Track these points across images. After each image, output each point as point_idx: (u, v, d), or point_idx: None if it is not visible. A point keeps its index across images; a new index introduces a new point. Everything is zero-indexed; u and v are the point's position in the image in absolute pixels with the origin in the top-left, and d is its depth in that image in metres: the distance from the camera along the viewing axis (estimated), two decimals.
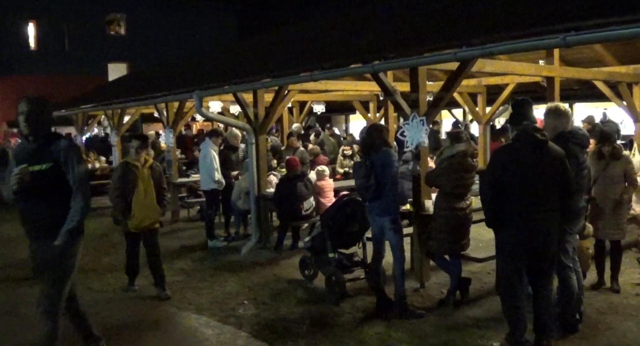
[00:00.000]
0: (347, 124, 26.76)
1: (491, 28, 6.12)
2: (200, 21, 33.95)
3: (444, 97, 7.08)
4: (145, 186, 7.27)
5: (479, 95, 12.98)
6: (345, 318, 6.39)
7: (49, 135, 4.93)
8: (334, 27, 12.54)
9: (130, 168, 7.25)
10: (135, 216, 7.26)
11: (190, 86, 10.77)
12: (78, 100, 19.52)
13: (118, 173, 7.35)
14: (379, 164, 6.32)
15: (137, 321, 6.67)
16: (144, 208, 7.27)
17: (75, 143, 5.92)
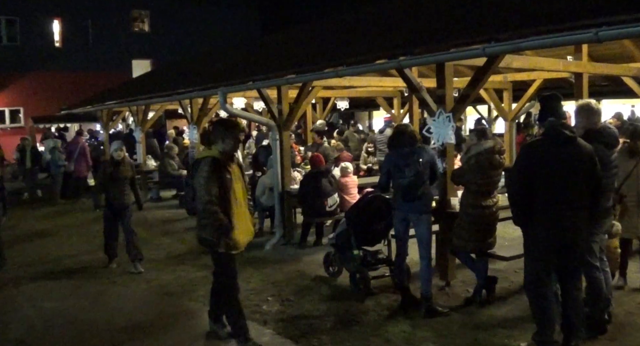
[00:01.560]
0: (370, 120, 26.66)
1: (520, 23, 6.02)
2: (223, 17, 34.00)
3: (470, 93, 7.00)
4: (240, 188, 5.58)
5: (505, 91, 12.85)
6: (370, 316, 6.34)
7: None
8: (359, 22, 12.47)
9: (223, 165, 5.41)
10: (238, 232, 5.47)
11: (215, 82, 10.80)
12: (103, 96, 19.66)
13: (205, 172, 5.31)
14: (427, 160, 6.34)
15: (162, 315, 6.70)
16: (244, 218, 5.60)
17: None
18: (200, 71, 16.01)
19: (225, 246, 5.40)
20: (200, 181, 5.29)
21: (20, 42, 29.97)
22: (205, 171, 5.29)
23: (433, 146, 7.26)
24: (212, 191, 5.27)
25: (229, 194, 5.37)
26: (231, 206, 5.39)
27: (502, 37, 5.72)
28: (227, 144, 5.47)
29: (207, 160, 5.37)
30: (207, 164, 5.33)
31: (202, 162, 5.38)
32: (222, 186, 5.32)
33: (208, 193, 5.25)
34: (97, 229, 11.79)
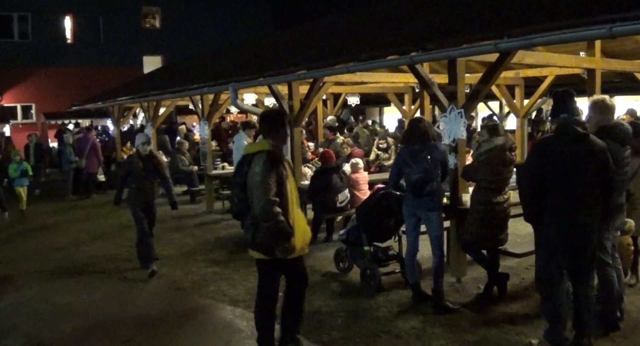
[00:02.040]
0: (381, 116, 26.60)
1: (533, 18, 5.99)
2: (234, 13, 34.00)
3: (482, 89, 6.96)
4: (293, 186, 5.03)
5: (517, 87, 12.75)
6: (381, 312, 6.34)
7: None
8: (370, 17, 12.44)
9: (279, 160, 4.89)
10: (297, 235, 4.92)
11: (226, 78, 10.81)
12: (114, 92, 19.72)
13: (262, 169, 4.72)
14: (438, 157, 6.34)
15: (172, 311, 6.72)
16: (300, 220, 5.06)
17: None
18: (211, 66, 16.04)
19: (283, 251, 4.82)
20: (256, 178, 4.69)
21: (32, 38, 30.12)
22: (261, 167, 4.71)
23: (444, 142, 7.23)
24: (271, 189, 4.69)
25: (286, 193, 4.85)
26: (289, 206, 4.87)
27: (515, 32, 5.69)
28: (279, 138, 5.00)
29: (262, 155, 4.79)
30: (263, 159, 4.75)
31: (255, 157, 4.80)
32: (281, 184, 4.80)
33: (266, 191, 4.66)
34: (108, 225, 11.91)
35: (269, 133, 4.98)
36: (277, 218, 4.66)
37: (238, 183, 4.89)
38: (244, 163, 4.91)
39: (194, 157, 15.05)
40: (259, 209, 4.68)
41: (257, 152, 4.84)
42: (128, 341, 5.83)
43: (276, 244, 4.76)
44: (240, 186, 4.89)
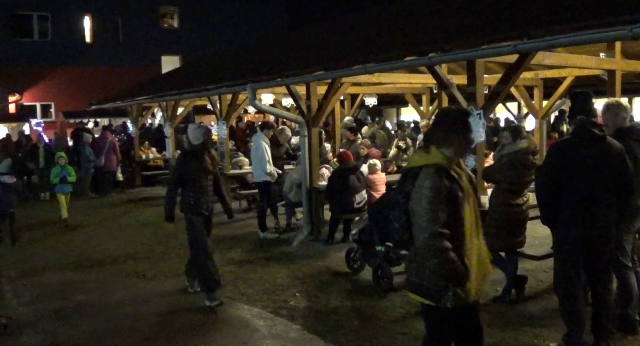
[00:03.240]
0: (398, 117, 26.55)
1: (553, 19, 5.95)
2: (251, 14, 34.06)
3: (501, 90, 6.92)
4: (471, 210, 3.74)
5: (535, 88, 12.68)
6: (397, 313, 6.33)
7: None
8: (388, 18, 12.42)
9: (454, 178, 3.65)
10: (473, 276, 3.65)
11: (244, 78, 10.84)
12: (133, 92, 19.84)
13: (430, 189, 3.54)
14: None
15: (190, 309, 6.75)
16: (479, 255, 3.76)
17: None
18: (229, 66, 16.08)
19: (453, 298, 3.59)
20: (422, 202, 3.53)
21: (52, 37, 30.37)
22: (429, 187, 3.54)
23: None
24: (439, 217, 3.52)
25: (462, 221, 3.63)
26: (464, 239, 3.64)
27: (535, 33, 5.66)
28: (459, 147, 3.70)
29: (429, 170, 3.60)
30: (431, 177, 3.56)
31: (422, 173, 3.62)
32: (455, 209, 3.60)
33: (434, 220, 3.50)
34: (126, 223, 11.98)
35: (445, 140, 3.68)
36: (444, 256, 3.49)
37: (399, 204, 3.71)
38: (406, 179, 3.74)
39: None
40: (422, 243, 3.55)
41: (423, 166, 3.64)
42: (146, 340, 5.87)
43: (444, 288, 3.59)
44: (401, 207, 3.71)
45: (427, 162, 3.63)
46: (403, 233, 3.70)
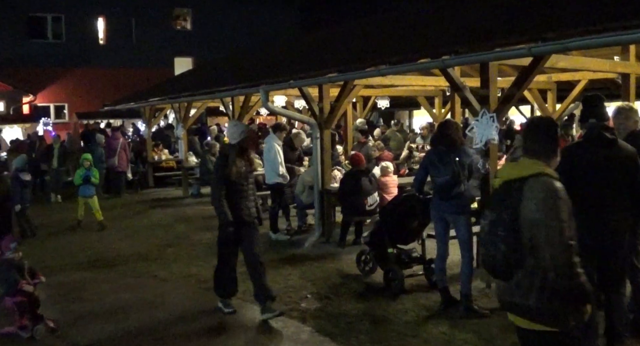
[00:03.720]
0: (410, 119, 26.52)
1: (567, 22, 5.93)
2: (264, 16, 34.11)
3: (515, 93, 6.90)
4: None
5: (549, 91, 12.63)
6: (409, 316, 6.31)
7: None
8: (401, 20, 12.42)
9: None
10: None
11: (257, 80, 10.86)
12: (146, 93, 19.92)
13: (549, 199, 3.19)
14: (466, 161, 6.31)
15: (201, 310, 6.76)
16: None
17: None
18: (241, 68, 16.12)
19: (577, 318, 3.24)
20: (556, 213, 3.14)
21: (66, 39, 30.56)
22: (560, 197, 3.21)
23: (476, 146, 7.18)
24: (571, 229, 3.20)
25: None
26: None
27: (549, 36, 5.63)
28: (554, 156, 3.51)
29: (545, 180, 3.26)
30: (547, 187, 3.23)
31: (528, 184, 3.25)
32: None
33: (567, 233, 3.14)
34: (139, 223, 12.02)
35: (545, 150, 3.44)
36: (580, 272, 3.14)
37: (503, 221, 3.25)
38: (507, 192, 3.31)
39: None
40: (559, 261, 3.10)
41: (533, 177, 3.27)
42: (158, 340, 5.88)
43: (575, 309, 3.22)
44: (507, 225, 3.23)
45: (533, 172, 3.28)
46: (511, 255, 3.22)
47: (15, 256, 6.05)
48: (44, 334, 5.99)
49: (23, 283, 5.91)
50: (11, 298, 5.91)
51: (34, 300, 6.04)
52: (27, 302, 5.93)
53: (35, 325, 5.95)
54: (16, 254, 6.07)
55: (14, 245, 6.10)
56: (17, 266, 6.03)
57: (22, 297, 5.90)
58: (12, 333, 5.91)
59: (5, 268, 5.96)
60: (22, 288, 5.88)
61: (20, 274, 5.99)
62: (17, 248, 6.17)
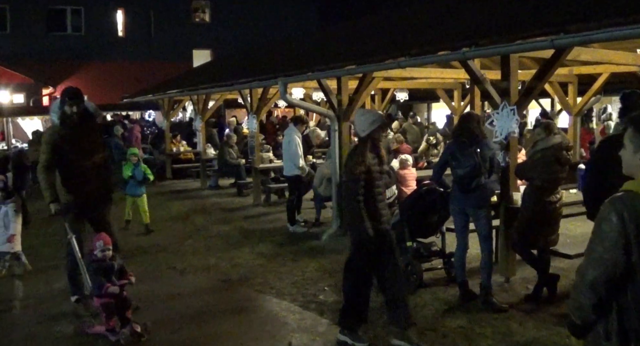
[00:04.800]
0: (429, 112, 26.37)
1: (590, 14, 5.84)
2: (282, 8, 34.11)
3: (536, 86, 6.83)
4: None
5: (570, 84, 12.50)
6: (427, 310, 6.29)
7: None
8: (420, 12, 12.33)
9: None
10: None
11: (275, 72, 10.84)
12: (164, 85, 19.99)
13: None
14: (487, 154, 6.28)
15: (219, 302, 6.78)
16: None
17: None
18: (260, 61, 16.11)
19: None
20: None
21: (85, 31, 30.74)
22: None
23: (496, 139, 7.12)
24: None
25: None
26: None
27: (572, 28, 5.55)
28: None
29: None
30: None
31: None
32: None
33: None
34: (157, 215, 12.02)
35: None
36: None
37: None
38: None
39: (242, 151, 15.17)
40: None
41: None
42: (176, 332, 5.90)
43: None
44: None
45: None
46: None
47: (105, 256, 5.77)
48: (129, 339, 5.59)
49: (108, 285, 5.62)
50: (99, 299, 5.67)
51: (122, 301, 5.74)
52: (114, 304, 5.67)
53: (122, 328, 5.67)
54: (106, 253, 5.77)
55: (100, 244, 5.77)
56: (105, 267, 5.74)
57: (109, 299, 5.65)
58: (101, 333, 5.70)
59: (92, 270, 5.76)
60: (108, 290, 5.61)
61: (108, 274, 5.72)
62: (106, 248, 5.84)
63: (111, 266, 5.77)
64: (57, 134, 6.21)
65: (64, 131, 6.20)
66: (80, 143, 6.24)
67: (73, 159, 6.22)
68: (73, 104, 6.14)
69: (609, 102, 19.90)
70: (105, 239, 5.83)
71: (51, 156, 6.19)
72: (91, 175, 6.36)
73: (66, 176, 6.30)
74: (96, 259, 5.75)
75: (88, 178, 6.33)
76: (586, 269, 2.69)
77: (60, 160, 6.22)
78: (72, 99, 6.16)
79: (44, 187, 6.23)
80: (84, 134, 6.27)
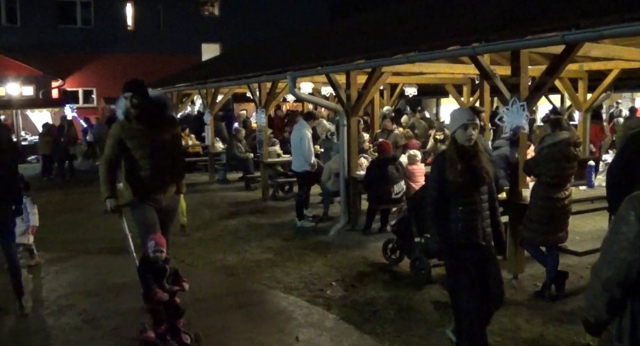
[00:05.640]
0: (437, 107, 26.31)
1: (602, 9, 5.80)
2: (292, 2, 34.02)
3: (547, 82, 6.79)
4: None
5: (580, 80, 12.43)
6: (435, 306, 6.27)
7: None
8: (430, 7, 12.28)
9: None
10: None
11: (284, 66, 10.82)
12: (173, 79, 20.00)
13: None
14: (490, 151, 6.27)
15: (226, 295, 6.79)
16: None
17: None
18: (269, 55, 16.09)
19: None
20: None
21: (94, 24, 30.74)
22: None
23: (505, 135, 7.09)
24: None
25: None
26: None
27: (583, 24, 5.52)
28: None
29: None
30: None
31: None
32: None
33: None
34: None
35: None
36: None
37: None
38: None
39: (251, 145, 15.17)
40: None
41: None
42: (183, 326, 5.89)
43: None
44: None
45: None
46: None
47: (156, 257, 5.23)
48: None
49: (158, 290, 5.13)
50: (149, 303, 5.28)
51: (173, 308, 5.28)
52: (163, 310, 5.26)
53: (172, 337, 5.28)
54: (157, 255, 5.22)
55: (152, 245, 5.22)
56: (157, 269, 5.23)
57: (157, 304, 5.21)
58: (150, 339, 5.34)
59: (142, 270, 5.32)
60: (156, 296, 5.12)
61: (158, 278, 5.21)
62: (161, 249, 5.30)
63: (163, 269, 5.25)
64: (120, 128, 5.68)
65: (128, 125, 5.66)
66: (145, 138, 5.67)
67: (137, 156, 5.71)
68: (131, 97, 5.57)
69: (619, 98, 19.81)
70: (159, 240, 5.32)
71: (114, 150, 5.71)
72: (157, 173, 5.80)
73: (130, 173, 5.82)
74: (150, 258, 5.28)
75: (154, 176, 5.78)
76: (601, 268, 2.65)
77: (125, 156, 5.74)
78: (130, 91, 5.61)
79: (101, 181, 5.80)
80: (150, 129, 5.68)
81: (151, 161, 5.70)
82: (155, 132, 5.71)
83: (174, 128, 6.03)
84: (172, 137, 5.90)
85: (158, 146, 5.71)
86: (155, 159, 5.71)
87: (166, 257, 5.33)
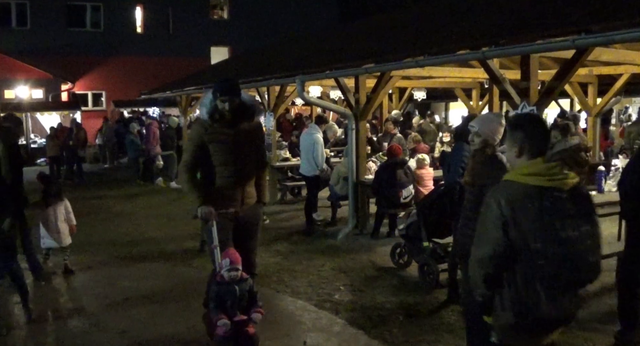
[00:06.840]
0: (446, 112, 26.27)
1: (612, 14, 5.77)
2: (301, 6, 34.07)
3: (557, 86, 6.75)
4: None
5: (590, 85, 12.37)
6: (444, 311, 6.25)
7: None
8: (440, 11, 12.27)
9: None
10: None
11: (293, 70, 10.83)
12: (182, 82, 20.04)
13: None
14: None
15: None
16: None
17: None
18: (278, 58, 16.11)
19: None
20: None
21: (104, 28, 30.90)
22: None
23: None
24: None
25: None
26: None
27: (594, 28, 5.49)
28: None
29: None
30: None
31: None
32: None
33: None
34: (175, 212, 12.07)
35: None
36: None
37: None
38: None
39: None
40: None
41: None
42: (192, 327, 5.90)
43: None
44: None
45: None
46: None
47: (231, 277, 4.70)
48: None
49: (222, 316, 4.57)
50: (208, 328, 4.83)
51: (243, 339, 4.66)
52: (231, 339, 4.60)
53: None
54: (232, 274, 4.68)
55: (227, 262, 4.69)
56: (226, 290, 4.69)
57: (223, 332, 4.56)
58: None
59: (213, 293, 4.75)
60: (218, 322, 4.54)
61: (230, 300, 4.68)
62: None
63: (233, 291, 4.67)
64: (203, 130, 5.17)
65: (212, 127, 5.17)
66: (230, 143, 5.17)
67: (216, 161, 5.19)
68: (227, 100, 5.06)
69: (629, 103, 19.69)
70: (233, 257, 4.74)
71: (194, 156, 5.22)
72: (239, 182, 5.30)
73: (209, 180, 5.28)
74: (220, 281, 4.72)
75: (234, 185, 5.27)
76: (475, 249, 3.19)
77: (205, 160, 5.23)
78: (225, 94, 5.08)
79: (187, 190, 5.27)
80: (237, 134, 5.20)
81: (233, 169, 5.21)
82: (242, 137, 5.24)
83: (262, 135, 5.63)
84: (258, 144, 5.51)
85: (243, 152, 5.24)
86: (237, 166, 5.22)
87: (242, 276, 4.78)
